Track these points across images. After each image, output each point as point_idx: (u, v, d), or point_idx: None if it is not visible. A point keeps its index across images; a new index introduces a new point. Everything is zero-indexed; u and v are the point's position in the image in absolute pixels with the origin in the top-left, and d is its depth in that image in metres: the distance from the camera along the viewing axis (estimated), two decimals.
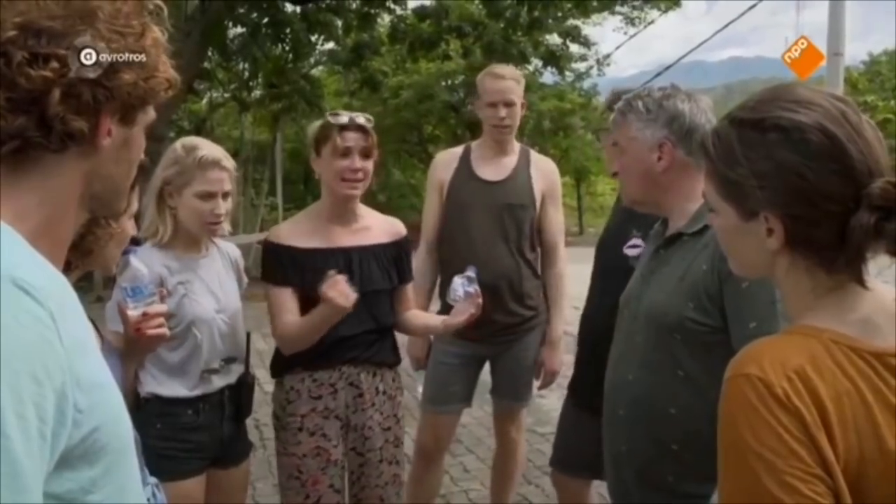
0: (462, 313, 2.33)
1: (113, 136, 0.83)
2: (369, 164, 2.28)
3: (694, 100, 1.72)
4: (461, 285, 2.32)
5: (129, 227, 1.74)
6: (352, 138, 2.24)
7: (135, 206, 1.76)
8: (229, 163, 2.16)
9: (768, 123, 0.99)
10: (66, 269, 0.92)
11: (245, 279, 2.35)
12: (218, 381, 2.18)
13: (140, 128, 0.88)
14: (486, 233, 2.95)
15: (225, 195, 2.14)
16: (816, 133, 0.96)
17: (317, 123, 2.35)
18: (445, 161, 3.11)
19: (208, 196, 2.10)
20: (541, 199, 3.05)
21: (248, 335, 2.29)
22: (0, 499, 0.63)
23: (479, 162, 3.03)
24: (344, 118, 2.26)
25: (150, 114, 0.89)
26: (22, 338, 0.67)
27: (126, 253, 1.75)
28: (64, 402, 0.69)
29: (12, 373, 0.65)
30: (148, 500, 1.53)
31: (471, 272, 2.34)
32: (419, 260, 2.98)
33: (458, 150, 3.16)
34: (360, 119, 2.27)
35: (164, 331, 1.78)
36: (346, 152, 2.24)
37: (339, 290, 2.09)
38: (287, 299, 2.25)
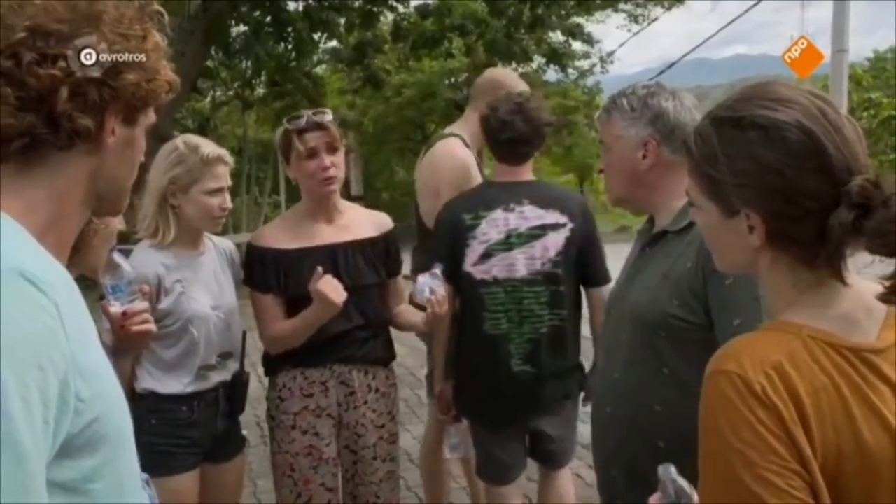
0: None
1: (117, 136, 0.87)
2: (338, 158, 2.26)
3: (678, 98, 1.72)
4: (426, 284, 2.26)
5: (116, 223, 1.75)
6: (313, 138, 2.22)
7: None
8: (229, 158, 2.21)
9: (747, 122, 1.00)
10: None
11: (241, 274, 2.36)
12: (214, 378, 2.19)
13: (142, 128, 0.92)
14: None
15: (228, 189, 2.21)
16: (795, 131, 0.97)
17: (280, 131, 2.34)
18: (468, 158, 2.93)
19: (216, 192, 2.15)
20: None
21: (245, 333, 2.31)
22: (5, 480, 0.65)
23: (475, 157, 3.07)
24: (301, 120, 2.24)
25: (151, 115, 0.93)
26: (27, 327, 0.70)
27: (110, 251, 1.78)
28: (66, 390, 0.71)
29: (18, 360, 0.68)
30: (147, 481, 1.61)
31: (437, 269, 2.30)
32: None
33: (460, 143, 2.99)
34: (317, 116, 2.25)
35: (150, 327, 1.79)
36: (311, 153, 2.22)
37: (332, 287, 2.10)
38: (270, 304, 2.25)
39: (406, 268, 2.58)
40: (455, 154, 2.92)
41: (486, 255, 2.47)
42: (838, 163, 0.96)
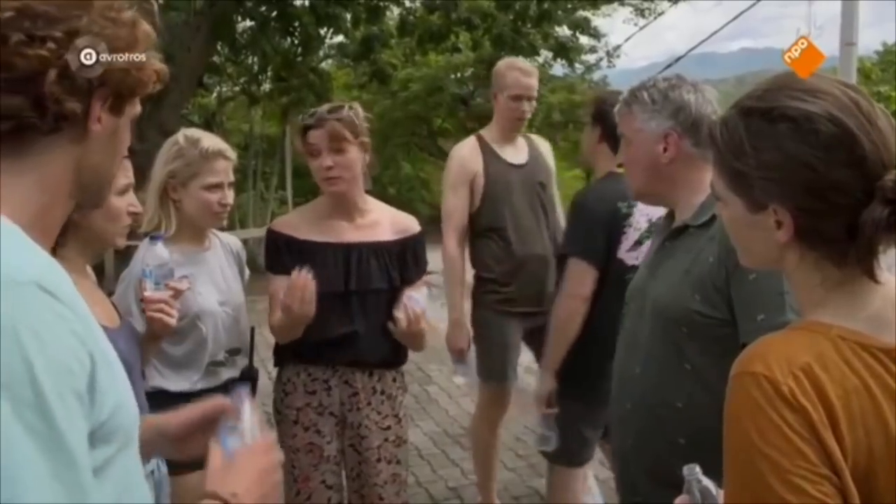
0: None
1: (103, 124, 0.86)
2: (345, 157, 2.19)
3: (699, 90, 1.70)
4: (411, 305, 2.18)
5: (122, 204, 1.69)
6: (315, 136, 2.18)
7: (122, 182, 1.69)
8: (231, 153, 2.17)
9: (777, 113, 0.96)
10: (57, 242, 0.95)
11: (247, 271, 2.34)
12: (223, 374, 2.18)
13: (127, 119, 0.91)
14: (526, 211, 3.15)
15: (230, 185, 2.17)
16: (826, 123, 0.93)
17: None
18: (470, 154, 3.18)
19: (215, 187, 2.11)
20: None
21: (253, 329, 2.29)
22: (66, 485, 0.69)
23: (500, 148, 3.18)
24: (310, 117, 2.20)
25: (137, 107, 0.92)
26: (56, 338, 0.72)
27: (155, 238, 1.86)
28: (94, 384, 0.75)
29: (54, 372, 0.70)
30: (152, 472, 1.70)
31: (422, 287, 2.24)
32: (452, 255, 3.08)
33: (472, 141, 3.23)
34: (331, 114, 2.18)
35: (167, 319, 1.81)
36: (314, 152, 2.19)
37: (300, 297, 2.03)
38: (281, 288, 2.16)
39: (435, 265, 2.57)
40: (455, 154, 3.21)
41: (638, 243, 2.56)
42: (872, 156, 0.92)
